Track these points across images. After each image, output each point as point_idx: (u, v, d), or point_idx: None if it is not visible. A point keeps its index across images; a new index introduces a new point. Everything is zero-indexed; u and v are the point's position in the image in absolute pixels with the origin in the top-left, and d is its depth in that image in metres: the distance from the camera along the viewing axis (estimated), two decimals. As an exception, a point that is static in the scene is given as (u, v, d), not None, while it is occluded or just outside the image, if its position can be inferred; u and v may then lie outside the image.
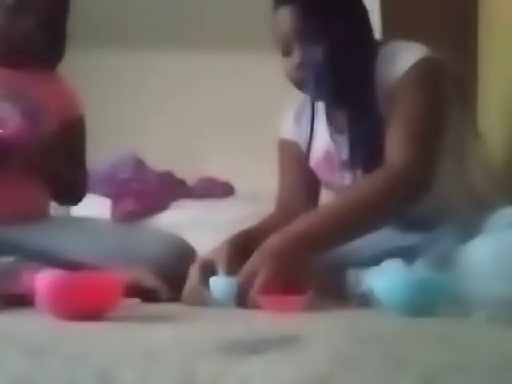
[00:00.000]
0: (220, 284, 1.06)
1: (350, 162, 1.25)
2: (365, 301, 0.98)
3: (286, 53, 1.23)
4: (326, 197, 1.45)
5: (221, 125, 3.93)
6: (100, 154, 2.74)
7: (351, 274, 1.12)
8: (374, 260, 1.08)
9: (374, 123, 1.19)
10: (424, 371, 0.44)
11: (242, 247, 1.16)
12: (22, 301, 0.95)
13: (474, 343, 0.61)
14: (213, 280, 1.07)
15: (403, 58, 1.19)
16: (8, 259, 1.14)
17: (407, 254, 1.07)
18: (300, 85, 1.25)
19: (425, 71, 1.18)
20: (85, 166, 1.59)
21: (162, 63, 3.92)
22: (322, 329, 0.74)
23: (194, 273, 1.09)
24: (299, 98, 1.38)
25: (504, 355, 0.52)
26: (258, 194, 3.24)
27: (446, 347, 0.58)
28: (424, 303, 0.86)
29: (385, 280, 0.91)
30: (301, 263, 1.04)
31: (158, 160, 3.45)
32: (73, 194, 1.58)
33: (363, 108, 1.21)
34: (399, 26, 1.89)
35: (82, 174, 1.58)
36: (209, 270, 1.09)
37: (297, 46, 1.20)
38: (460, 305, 0.83)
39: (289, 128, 1.42)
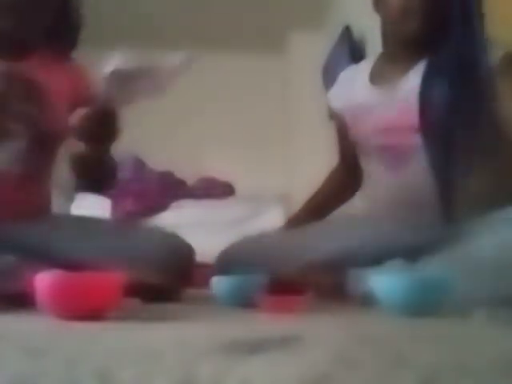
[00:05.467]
0: (222, 284, 1.06)
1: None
2: (365, 301, 0.98)
3: None
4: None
5: (221, 125, 3.93)
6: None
7: (351, 273, 1.12)
8: (375, 260, 1.08)
9: None
10: (424, 371, 0.44)
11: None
12: (22, 301, 0.95)
13: (474, 343, 0.61)
14: (215, 280, 1.08)
15: None
16: (8, 258, 1.14)
17: (408, 254, 1.07)
18: None
19: None
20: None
21: (162, 63, 3.92)
22: (322, 329, 0.74)
23: None
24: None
25: (504, 355, 0.52)
26: (257, 194, 3.24)
27: (445, 347, 0.57)
28: (424, 303, 0.86)
29: (385, 280, 0.91)
30: None
31: (158, 160, 3.45)
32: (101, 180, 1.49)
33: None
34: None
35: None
36: None
37: None
38: (460, 305, 0.83)
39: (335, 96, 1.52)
